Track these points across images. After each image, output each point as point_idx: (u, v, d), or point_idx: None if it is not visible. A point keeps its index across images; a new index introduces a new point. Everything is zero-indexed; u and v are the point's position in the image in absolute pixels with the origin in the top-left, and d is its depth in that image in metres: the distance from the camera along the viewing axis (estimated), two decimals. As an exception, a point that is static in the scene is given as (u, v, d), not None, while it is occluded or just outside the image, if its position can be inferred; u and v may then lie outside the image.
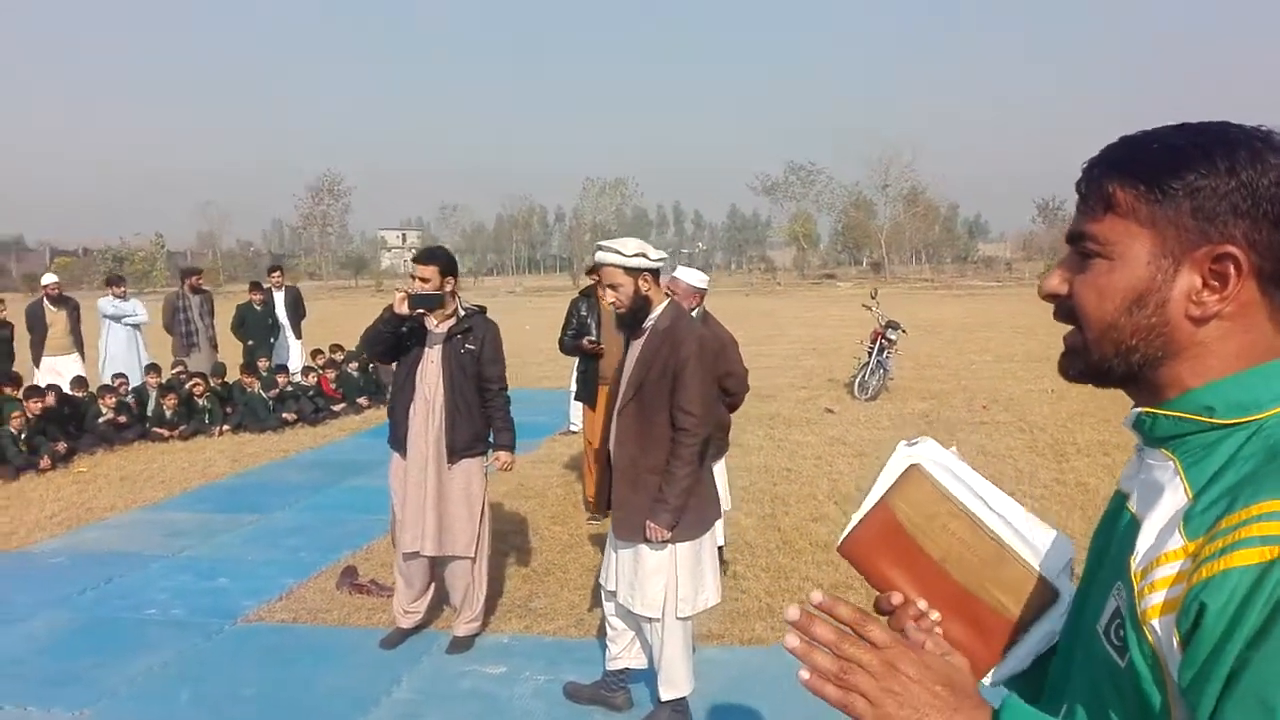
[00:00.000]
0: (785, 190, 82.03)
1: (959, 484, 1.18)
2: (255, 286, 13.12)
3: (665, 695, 3.82)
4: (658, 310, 3.79)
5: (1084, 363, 1.02)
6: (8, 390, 9.50)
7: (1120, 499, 1.04)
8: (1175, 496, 0.93)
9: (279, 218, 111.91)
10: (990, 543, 1.14)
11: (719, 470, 5.52)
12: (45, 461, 8.89)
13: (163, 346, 12.47)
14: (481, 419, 4.54)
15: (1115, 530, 1.02)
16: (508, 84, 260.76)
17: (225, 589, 5.60)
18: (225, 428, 10.87)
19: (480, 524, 4.54)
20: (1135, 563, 0.93)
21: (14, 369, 10.64)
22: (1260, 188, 0.89)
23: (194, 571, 5.93)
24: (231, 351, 12.64)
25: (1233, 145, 0.91)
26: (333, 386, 12.18)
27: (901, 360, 14.93)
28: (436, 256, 4.39)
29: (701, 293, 5.38)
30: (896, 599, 1.12)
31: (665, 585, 3.73)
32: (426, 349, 4.44)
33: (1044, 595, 1.13)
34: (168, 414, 10.66)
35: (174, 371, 11.56)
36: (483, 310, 4.61)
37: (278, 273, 13.55)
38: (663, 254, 3.84)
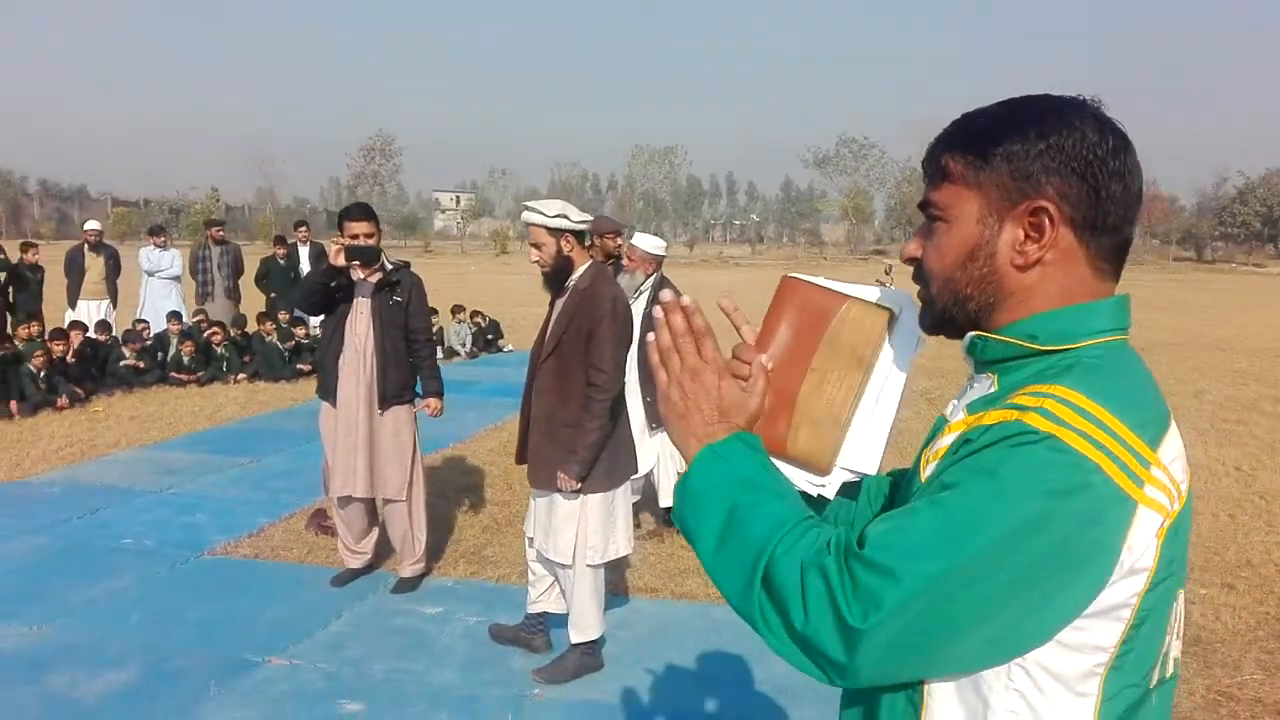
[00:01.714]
0: (836, 164, 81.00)
1: (890, 361, 1.26)
2: (279, 240, 13.41)
3: (575, 638, 3.99)
4: (579, 271, 3.92)
5: (930, 315, 1.16)
6: (32, 330, 9.88)
7: (940, 419, 1.18)
8: (985, 391, 1.09)
9: (335, 176, 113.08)
10: (845, 404, 1.24)
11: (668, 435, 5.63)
12: (63, 400, 9.26)
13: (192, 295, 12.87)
14: (409, 368, 4.72)
15: (928, 443, 1.15)
16: (558, 51, 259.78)
17: (200, 524, 5.86)
18: (241, 376, 11.21)
19: (412, 469, 4.73)
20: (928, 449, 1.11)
21: (39, 311, 11.04)
22: (1066, 147, 1.03)
23: (175, 507, 6.21)
24: (257, 303, 12.98)
25: (1043, 112, 1.05)
26: (350, 340, 12.45)
27: (923, 337, 14.87)
28: (369, 213, 4.56)
29: (658, 259, 5.47)
30: (750, 367, 1.19)
31: (576, 533, 3.89)
32: (356, 300, 4.60)
33: (819, 465, 1.24)
34: (185, 360, 11.02)
35: (194, 320, 11.92)
36: (407, 265, 4.77)
37: (304, 228, 13.82)
38: (586, 216, 3.96)
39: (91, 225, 12.16)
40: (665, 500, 5.74)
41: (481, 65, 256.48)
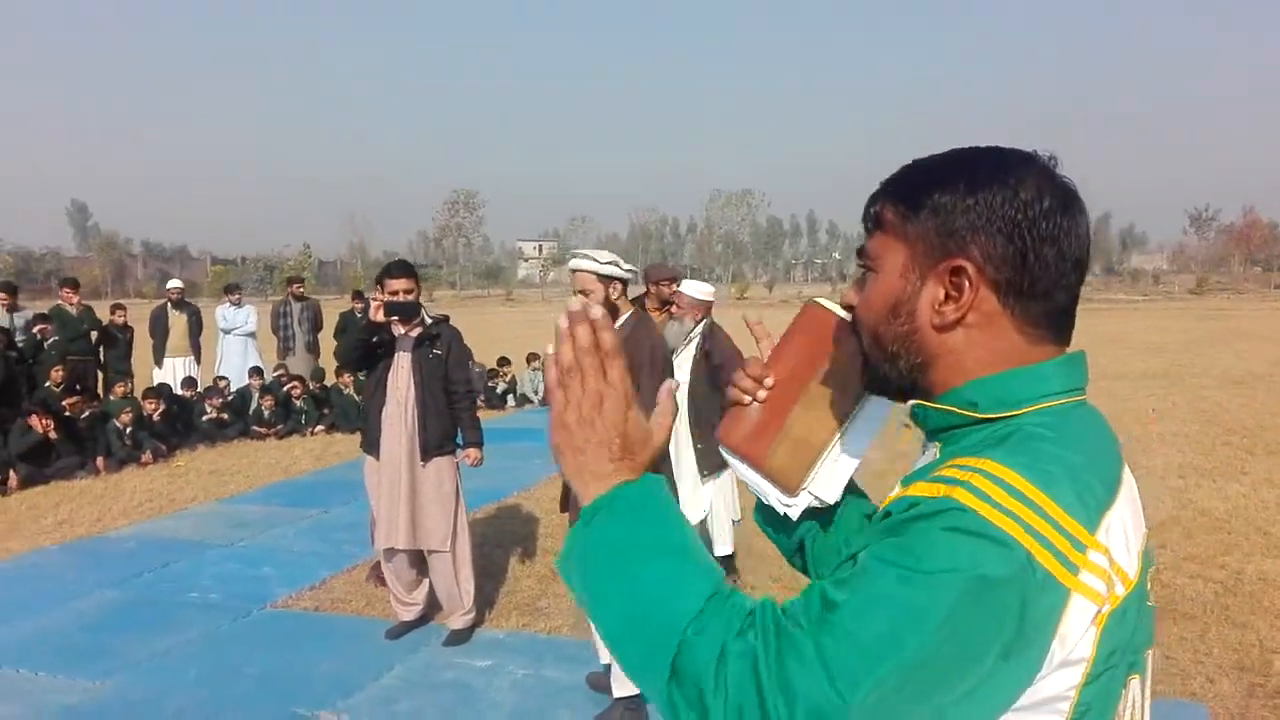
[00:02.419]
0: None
1: (876, 415, 1.21)
2: (357, 295, 13.77)
3: (618, 691, 3.93)
4: (621, 319, 3.97)
5: (870, 374, 1.09)
6: (120, 389, 10.29)
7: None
8: (927, 461, 1.01)
9: (423, 229, 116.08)
10: (827, 429, 1.19)
11: (724, 482, 5.58)
12: (147, 456, 9.59)
13: (272, 350, 13.28)
14: (449, 419, 4.79)
15: None
16: (634, 97, 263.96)
17: (265, 577, 5.98)
18: (319, 428, 11.49)
19: (456, 520, 4.77)
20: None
21: (129, 369, 11.48)
22: (995, 205, 0.96)
23: (243, 560, 6.35)
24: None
25: (977, 167, 0.99)
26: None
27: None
28: (409, 270, 4.67)
29: (707, 305, 5.46)
30: (764, 385, 1.18)
31: None
32: (397, 355, 4.71)
33: (787, 483, 1.20)
34: (266, 414, 11.34)
35: (275, 374, 12.27)
36: (446, 319, 4.85)
37: (384, 283, 14.18)
38: (632, 267, 4.02)
39: (173, 284, 12.64)
40: (721, 549, 5.68)
41: (559, 114, 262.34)
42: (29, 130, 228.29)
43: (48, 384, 9.88)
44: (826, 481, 1.22)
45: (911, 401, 1.05)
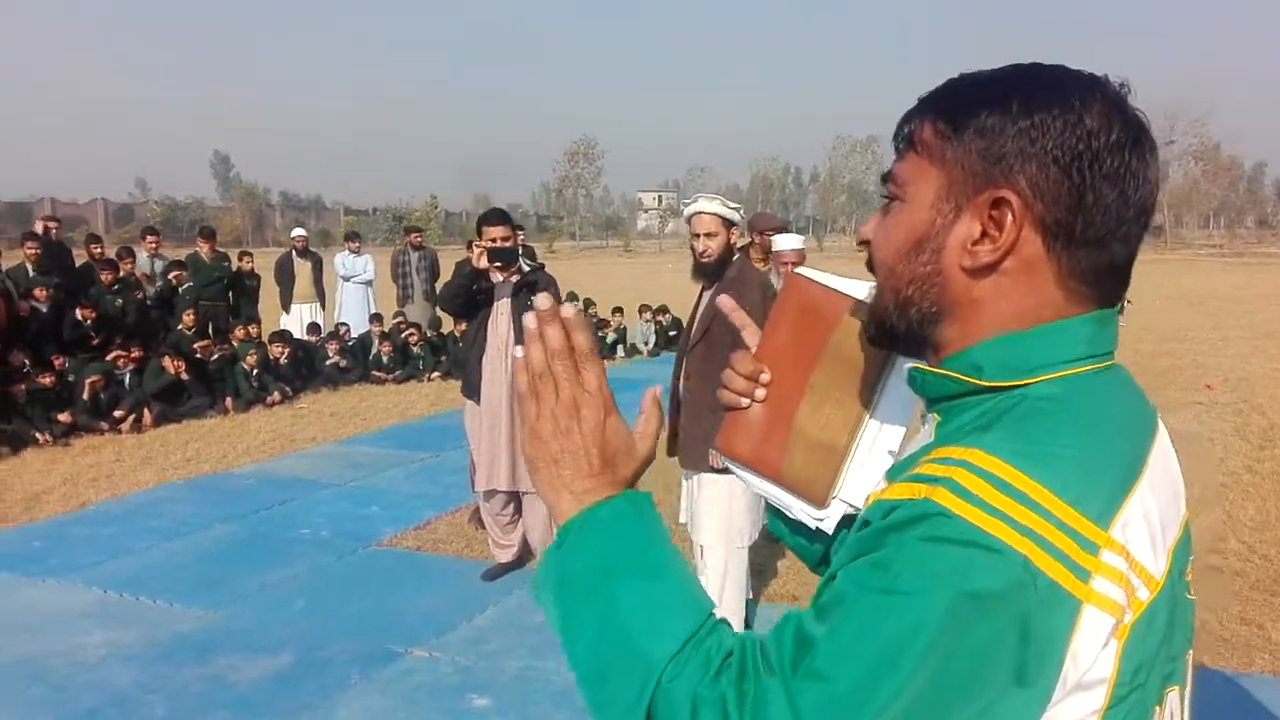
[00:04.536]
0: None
1: (901, 378, 1.02)
2: (471, 245, 13.96)
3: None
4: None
5: (874, 319, 0.94)
6: (240, 332, 10.72)
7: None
8: (920, 444, 0.90)
9: (545, 181, 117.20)
10: (845, 428, 1.05)
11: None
12: (273, 397, 10.00)
13: (391, 298, 13.64)
14: None
15: None
16: (755, 43, 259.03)
17: (373, 516, 6.17)
18: (435, 374, 11.76)
19: None
20: None
21: (256, 314, 11.95)
22: (1053, 130, 0.81)
23: (354, 499, 6.57)
24: (452, 304, 13.57)
25: (1035, 84, 0.84)
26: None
27: (1137, 334, 13.84)
28: (506, 218, 4.73)
29: (800, 252, 5.32)
30: (760, 382, 1.06)
31: (721, 515, 3.87)
32: (496, 303, 4.77)
33: (814, 494, 1.07)
34: (385, 360, 11.67)
35: (394, 321, 12.60)
36: (542, 266, 4.86)
37: (497, 231, 14.36)
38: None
39: (298, 232, 13.05)
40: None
41: (680, 62, 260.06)
42: (178, 83, 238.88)
43: (180, 327, 10.37)
44: (861, 484, 1.05)
45: (908, 364, 0.91)
